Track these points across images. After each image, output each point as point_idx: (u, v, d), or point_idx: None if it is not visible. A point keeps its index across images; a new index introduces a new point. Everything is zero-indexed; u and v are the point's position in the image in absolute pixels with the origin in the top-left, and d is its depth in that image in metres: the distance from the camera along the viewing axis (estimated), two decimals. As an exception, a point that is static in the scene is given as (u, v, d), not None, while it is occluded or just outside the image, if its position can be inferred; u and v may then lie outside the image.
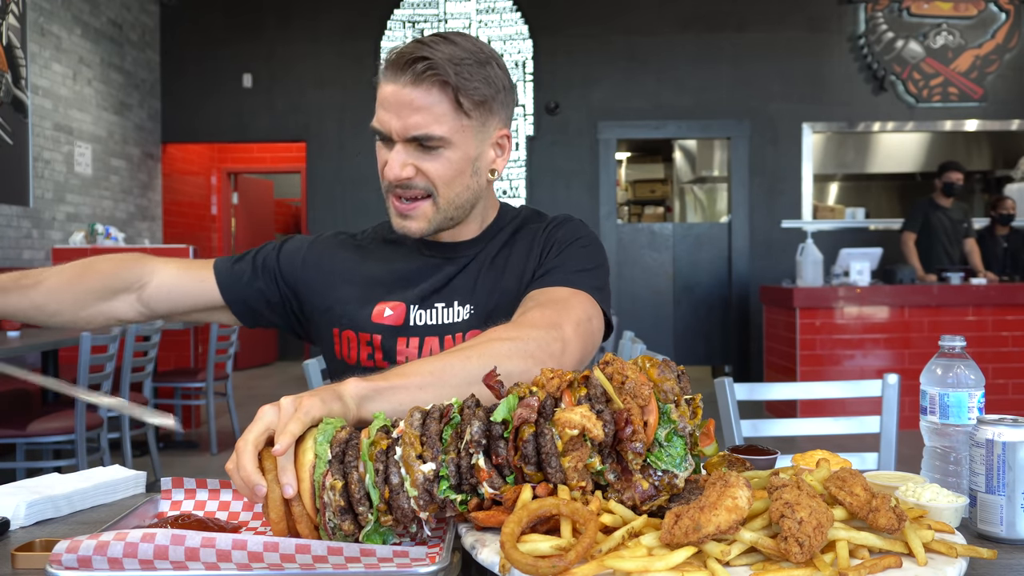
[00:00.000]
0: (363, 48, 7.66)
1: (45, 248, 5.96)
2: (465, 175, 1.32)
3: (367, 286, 1.40)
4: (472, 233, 1.42)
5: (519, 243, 1.42)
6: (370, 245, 1.47)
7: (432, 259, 1.41)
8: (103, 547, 0.80)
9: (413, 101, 1.24)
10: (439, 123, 1.25)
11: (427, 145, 1.26)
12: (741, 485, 0.81)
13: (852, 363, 6.10)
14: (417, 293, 1.38)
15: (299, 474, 0.91)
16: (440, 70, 1.23)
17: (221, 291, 1.43)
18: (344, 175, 7.73)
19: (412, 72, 1.24)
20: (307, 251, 1.46)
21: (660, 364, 0.92)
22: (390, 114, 1.26)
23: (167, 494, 1.07)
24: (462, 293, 1.38)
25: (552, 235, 1.40)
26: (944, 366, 1.15)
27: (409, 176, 1.28)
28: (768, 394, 2.16)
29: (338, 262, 1.44)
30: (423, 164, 1.28)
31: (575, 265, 1.34)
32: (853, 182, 10.16)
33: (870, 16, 7.68)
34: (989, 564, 0.90)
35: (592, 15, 7.72)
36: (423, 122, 1.25)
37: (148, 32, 7.63)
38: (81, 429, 3.84)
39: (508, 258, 1.40)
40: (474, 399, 0.93)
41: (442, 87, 1.24)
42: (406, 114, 1.25)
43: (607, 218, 7.77)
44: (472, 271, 1.40)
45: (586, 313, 1.25)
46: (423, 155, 1.28)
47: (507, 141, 1.38)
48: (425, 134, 1.25)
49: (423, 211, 1.31)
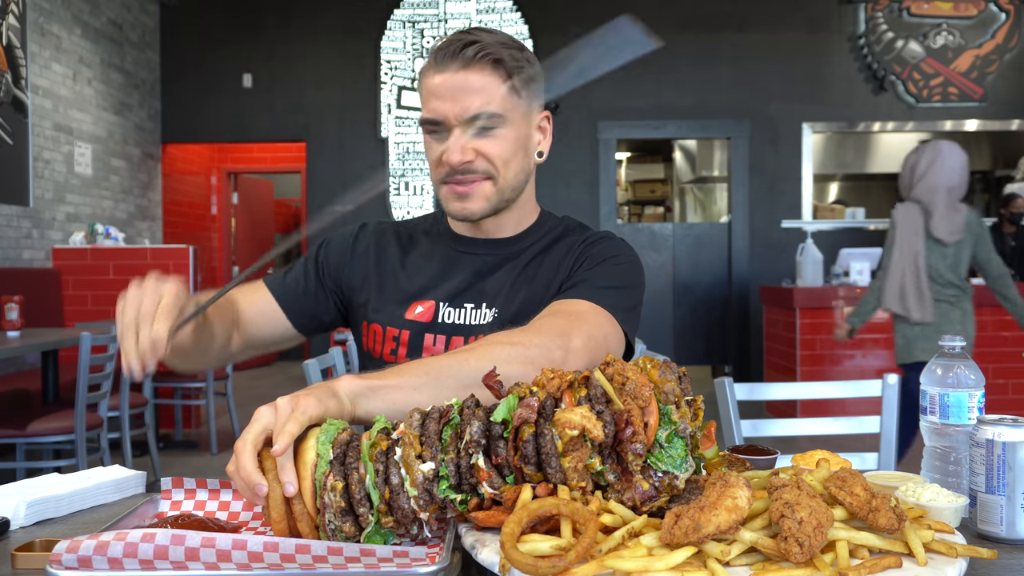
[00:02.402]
0: (363, 48, 7.66)
1: (45, 248, 5.96)
2: (519, 155, 1.34)
3: (403, 281, 1.41)
4: (510, 230, 1.42)
5: (555, 253, 1.41)
6: (415, 236, 1.48)
7: (464, 255, 1.41)
8: (103, 547, 0.80)
9: (469, 83, 1.27)
10: (495, 101, 1.28)
11: (485, 126, 1.28)
12: (741, 485, 0.81)
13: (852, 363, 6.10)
14: (447, 290, 1.38)
15: (300, 472, 0.91)
16: (492, 50, 1.27)
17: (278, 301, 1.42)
18: (344, 175, 7.73)
19: (463, 57, 1.26)
20: (353, 244, 1.46)
21: (661, 365, 0.92)
22: (445, 101, 1.27)
23: (167, 494, 1.07)
24: (491, 296, 1.38)
25: (588, 249, 1.39)
26: (944, 366, 1.15)
27: (470, 159, 1.29)
28: (768, 394, 2.16)
29: (381, 256, 1.45)
30: (482, 145, 1.29)
31: (603, 281, 1.31)
32: (853, 182, 10.16)
33: (870, 16, 7.68)
34: (989, 564, 0.90)
35: (592, 15, 7.70)
36: (481, 102, 1.27)
37: (148, 32, 7.63)
38: (81, 429, 3.84)
39: (540, 266, 1.40)
40: (474, 399, 0.93)
41: (494, 67, 1.27)
42: (462, 96, 1.27)
43: (607, 218, 7.77)
44: (505, 274, 1.39)
45: (602, 331, 1.21)
46: (481, 137, 1.29)
47: (548, 123, 1.40)
48: (485, 111, 1.27)
49: (483, 191, 1.32)
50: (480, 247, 1.41)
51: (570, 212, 1.53)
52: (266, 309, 1.41)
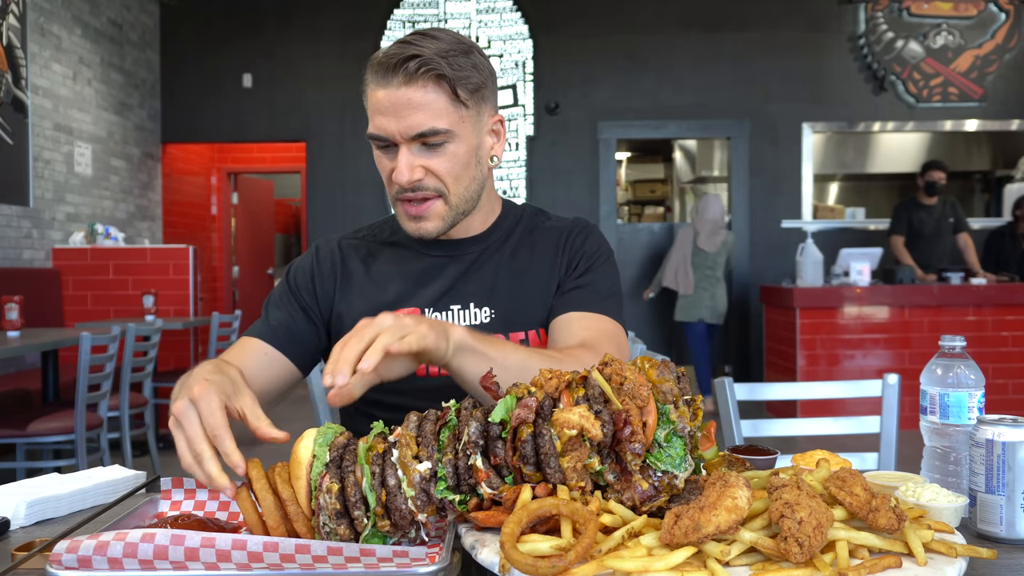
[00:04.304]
0: (363, 48, 7.66)
1: (45, 248, 5.96)
2: (471, 167, 1.31)
3: (379, 293, 1.38)
4: (478, 228, 1.41)
5: (539, 247, 1.41)
6: (373, 248, 1.44)
7: (438, 258, 1.40)
8: (103, 547, 0.80)
9: (411, 100, 1.23)
10: (440, 117, 1.24)
11: (431, 143, 1.25)
12: (741, 485, 0.81)
13: (852, 363, 6.10)
14: (429, 295, 1.36)
15: (295, 472, 0.91)
16: (433, 64, 1.22)
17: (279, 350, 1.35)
18: (344, 175, 7.73)
19: (405, 72, 1.22)
20: (315, 267, 1.42)
21: (659, 365, 0.92)
22: (388, 118, 1.24)
23: (167, 494, 1.07)
24: (478, 295, 1.36)
25: (580, 247, 1.41)
26: (944, 366, 1.15)
27: (420, 178, 1.27)
28: (768, 394, 2.16)
29: (348, 272, 1.41)
30: (430, 163, 1.27)
31: (606, 287, 1.37)
32: (853, 182, 10.16)
33: (870, 16, 7.68)
34: (989, 564, 0.90)
35: (592, 15, 7.72)
36: (425, 119, 1.23)
37: (148, 32, 7.63)
38: (81, 429, 3.84)
39: (529, 260, 1.40)
40: (471, 400, 0.93)
41: (437, 81, 1.23)
42: (406, 114, 1.23)
43: (607, 218, 7.77)
44: (487, 272, 1.39)
45: (627, 348, 1.35)
46: (429, 154, 1.27)
47: (501, 126, 1.37)
48: (430, 129, 1.24)
49: (436, 210, 1.30)
50: (452, 248, 1.40)
51: (570, 212, 1.53)
52: (263, 362, 1.33)
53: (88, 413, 3.97)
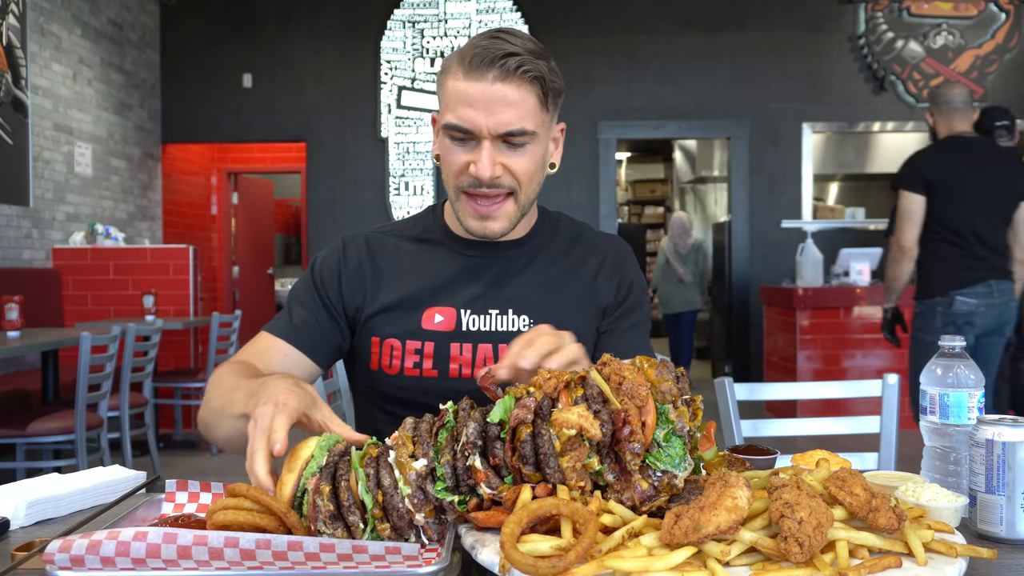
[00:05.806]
0: (363, 48, 7.66)
1: (45, 248, 5.96)
2: (541, 171, 1.32)
3: (411, 291, 1.35)
4: (518, 232, 1.39)
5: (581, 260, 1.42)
6: (403, 245, 1.41)
7: (476, 259, 1.38)
8: (95, 546, 0.80)
9: (506, 96, 1.22)
10: (529, 118, 1.25)
11: (515, 142, 1.25)
12: (741, 485, 0.81)
13: (852, 363, 6.10)
14: (466, 297, 1.34)
15: (289, 465, 0.92)
16: (532, 65, 1.23)
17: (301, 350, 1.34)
18: (344, 175, 7.73)
19: (503, 68, 1.22)
20: (341, 264, 1.39)
21: (658, 365, 0.92)
22: (478, 111, 1.23)
23: (171, 496, 1.07)
24: (517, 303, 1.35)
25: (627, 270, 1.44)
26: (944, 366, 1.14)
27: (499, 175, 1.26)
28: (768, 394, 2.16)
29: (376, 268, 1.38)
30: (510, 161, 1.26)
31: (646, 317, 1.44)
32: (853, 182, 10.16)
33: (870, 16, 7.68)
34: (989, 564, 0.90)
35: (592, 15, 7.72)
36: (515, 118, 1.23)
37: (148, 32, 7.63)
38: (81, 429, 3.84)
39: (571, 273, 1.40)
40: (468, 402, 0.93)
41: (531, 82, 1.24)
42: (498, 109, 1.22)
43: (607, 218, 7.76)
44: (526, 279, 1.37)
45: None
46: (510, 152, 1.26)
47: (562, 134, 1.39)
48: (519, 128, 1.24)
49: (506, 211, 1.30)
50: (490, 250, 1.38)
51: (570, 212, 1.53)
52: (285, 364, 1.32)
53: (88, 413, 3.96)
